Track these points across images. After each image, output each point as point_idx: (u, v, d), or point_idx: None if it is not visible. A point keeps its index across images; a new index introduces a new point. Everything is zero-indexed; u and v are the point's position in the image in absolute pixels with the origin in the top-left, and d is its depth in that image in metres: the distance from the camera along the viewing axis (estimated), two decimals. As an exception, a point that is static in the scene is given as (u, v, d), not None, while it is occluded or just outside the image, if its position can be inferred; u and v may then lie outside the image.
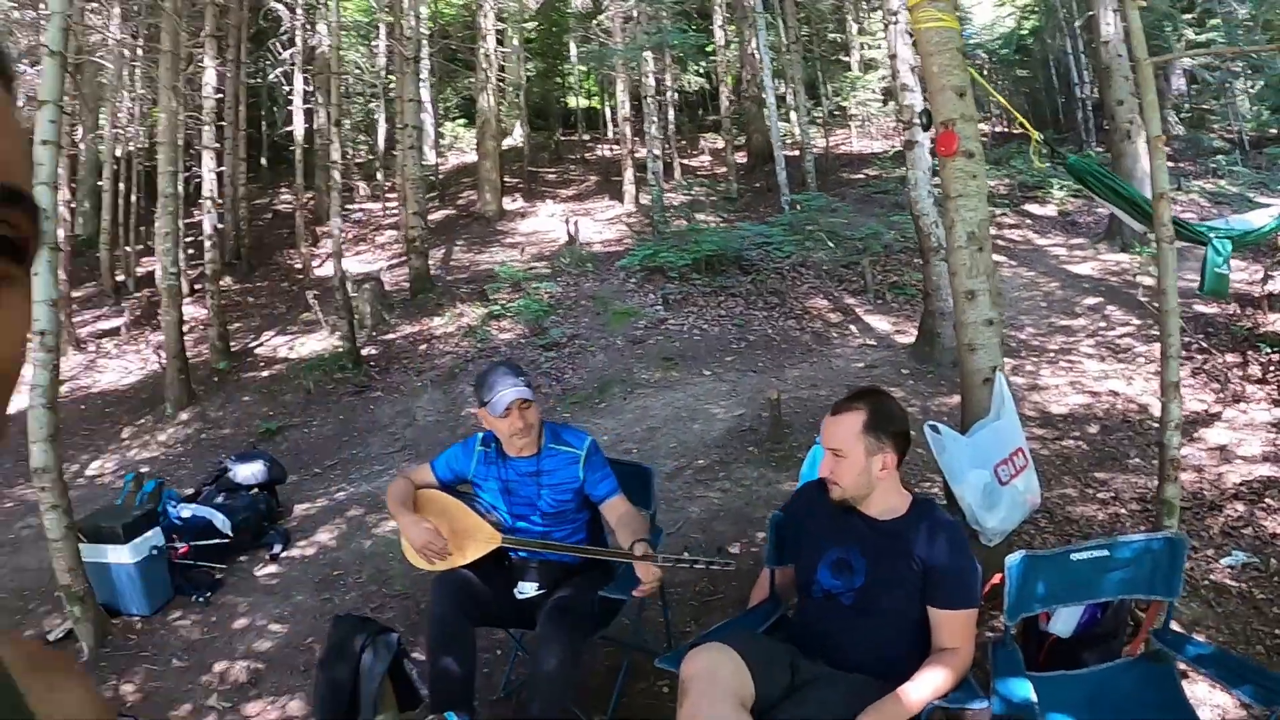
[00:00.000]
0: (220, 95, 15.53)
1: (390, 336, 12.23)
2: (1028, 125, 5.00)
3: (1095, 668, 3.00)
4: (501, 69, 22.14)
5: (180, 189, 11.91)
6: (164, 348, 11.12)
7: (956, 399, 7.56)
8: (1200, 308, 9.28)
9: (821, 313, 10.86)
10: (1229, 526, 5.23)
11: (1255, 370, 7.61)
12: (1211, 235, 6.30)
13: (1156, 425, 6.84)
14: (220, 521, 6.25)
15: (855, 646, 2.72)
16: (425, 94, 22.48)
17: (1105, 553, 2.85)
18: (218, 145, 15.09)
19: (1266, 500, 5.49)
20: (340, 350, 11.49)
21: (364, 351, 11.67)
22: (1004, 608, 2.78)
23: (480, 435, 3.72)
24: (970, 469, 3.83)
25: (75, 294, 15.69)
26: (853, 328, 10.42)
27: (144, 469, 9.15)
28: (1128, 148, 11.97)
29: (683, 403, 8.40)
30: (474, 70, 20.49)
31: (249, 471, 7.07)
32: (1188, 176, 15.54)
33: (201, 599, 5.59)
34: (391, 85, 20.97)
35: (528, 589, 3.63)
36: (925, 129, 4.63)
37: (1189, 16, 19.02)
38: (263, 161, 23.54)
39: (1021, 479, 3.97)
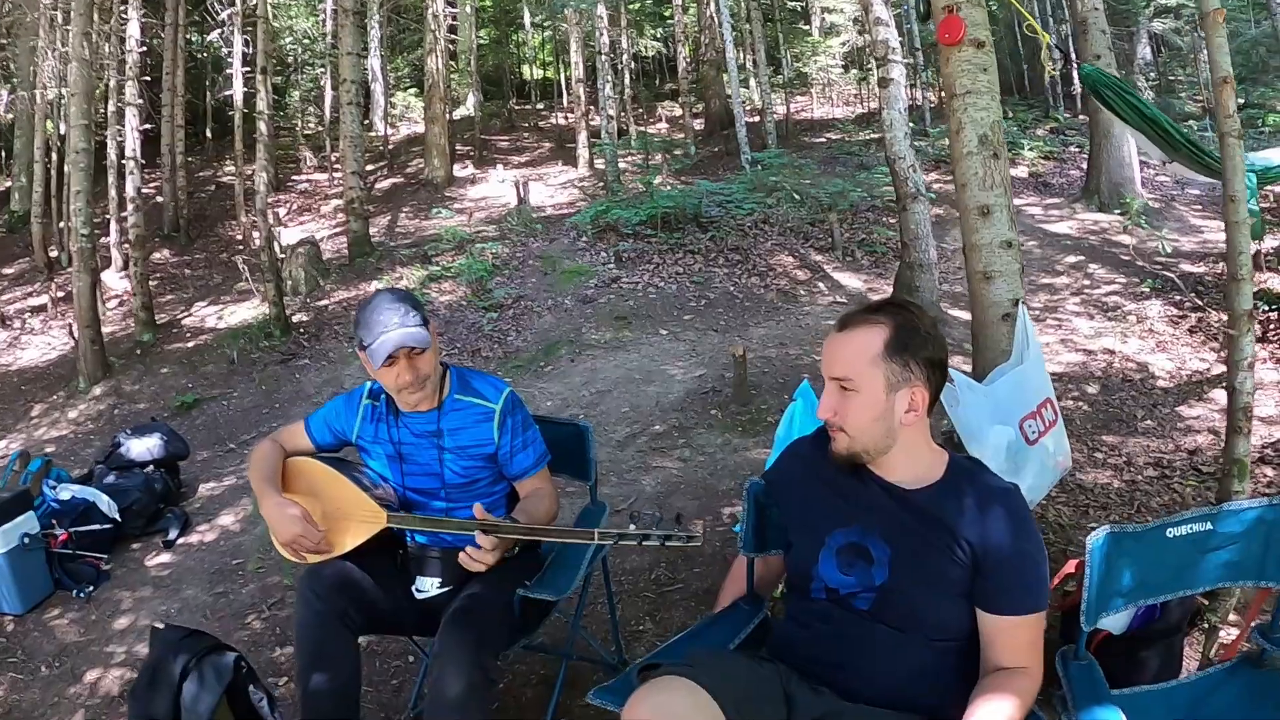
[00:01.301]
0: (145, 49, 14.62)
1: (324, 302, 11.44)
2: (1037, 27, 4.26)
3: (1185, 679, 2.24)
4: (452, 30, 21.28)
5: (94, 145, 11.04)
6: (76, 317, 10.17)
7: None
8: (1187, 266, 8.91)
9: (787, 270, 10.15)
10: (1260, 493, 4.57)
11: (1255, 329, 7.04)
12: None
13: (1161, 385, 6.38)
14: (105, 504, 5.42)
15: (877, 670, 1.90)
16: (375, 63, 21.90)
17: (1207, 525, 2.08)
18: (141, 101, 14.14)
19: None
20: (268, 317, 10.62)
21: (294, 318, 10.89)
22: (1081, 605, 1.99)
23: (366, 385, 2.88)
24: (991, 425, 3.06)
25: (6, 270, 15.22)
26: (821, 285, 9.74)
27: (49, 448, 8.37)
28: (1105, 103, 11.45)
29: (636, 364, 7.64)
30: (423, 29, 19.57)
31: (143, 447, 6.17)
32: (1160, 139, 15.41)
33: (83, 594, 4.85)
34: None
35: (428, 586, 2.78)
36: (924, 19, 3.86)
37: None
38: (207, 133, 22.63)
39: (1051, 437, 3.22)
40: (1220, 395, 6.08)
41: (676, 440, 5.84)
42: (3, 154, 20.42)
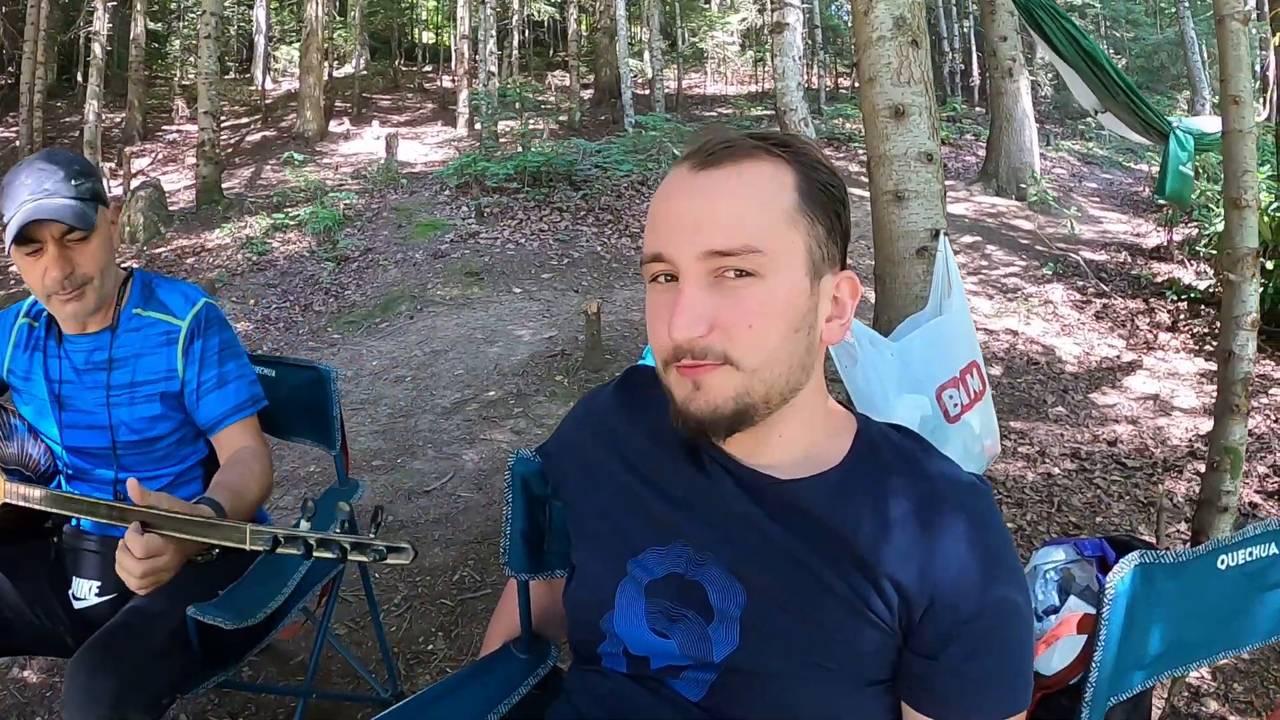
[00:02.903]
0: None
1: (160, 250, 10.28)
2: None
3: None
4: (337, -23, 20.39)
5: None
6: None
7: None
8: (1089, 254, 8.70)
9: (663, 233, 9.33)
10: (1194, 493, 3.99)
11: (1164, 318, 6.93)
12: (1175, 126, 5.06)
13: (1070, 370, 5.78)
14: None
15: None
16: (260, 14, 21.48)
17: (1271, 549, 1.23)
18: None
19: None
20: (97, 264, 9.44)
21: (127, 265, 9.63)
22: (1084, 685, 1.14)
23: (27, 300, 1.90)
24: (900, 393, 2.20)
25: None
26: (698, 250, 8.96)
27: None
28: (1008, 85, 11.42)
29: (481, 323, 6.70)
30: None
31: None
32: (1056, 137, 15.94)
33: None
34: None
35: (85, 591, 1.86)
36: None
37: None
38: (79, 76, 21.16)
39: (976, 413, 2.38)
40: (1135, 384, 5.57)
41: (512, 409, 4.92)
42: None
